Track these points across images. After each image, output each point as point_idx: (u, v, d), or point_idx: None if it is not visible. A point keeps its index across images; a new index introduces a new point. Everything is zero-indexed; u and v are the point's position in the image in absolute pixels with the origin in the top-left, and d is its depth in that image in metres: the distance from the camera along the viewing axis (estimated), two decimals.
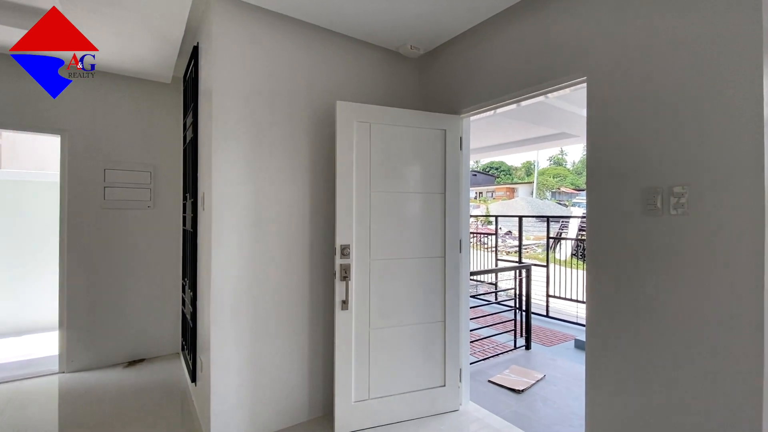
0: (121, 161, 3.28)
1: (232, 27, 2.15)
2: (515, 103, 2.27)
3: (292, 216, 2.35)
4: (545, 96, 2.14)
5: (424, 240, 2.45)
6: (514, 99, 2.21)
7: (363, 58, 2.64)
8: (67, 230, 3.08)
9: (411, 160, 2.44)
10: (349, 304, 2.24)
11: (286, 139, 2.33)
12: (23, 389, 2.84)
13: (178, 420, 2.49)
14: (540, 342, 4.41)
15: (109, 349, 3.24)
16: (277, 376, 2.30)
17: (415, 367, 2.42)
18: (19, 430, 2.35)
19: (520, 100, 2.21)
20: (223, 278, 2.13)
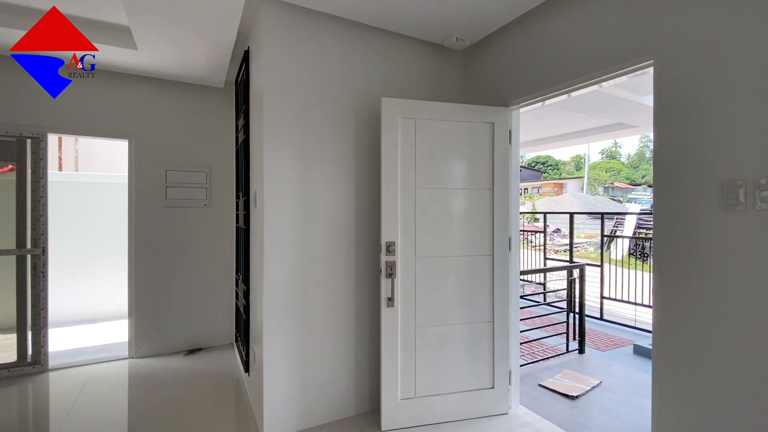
0: (179, 162, 3.51)
1: (280, 30, 2.21)
2: (568, 93, 2.14)
3: (338, 213, 2.39)
4: (599, 85, 2.00)
5: (471, 238, 2.39)
6: (568, 88, 2.08)
7: (407, 53, 2.61)
8: (134, 227, 3.35)
9: (457, 155, 2.38)
10: (394, 301, 2.23)
11: (332, 137, 2.36)
12: (98, 372, 3.12)
13: (232, 407, 2.63)
14: (594, 346, 4.16)
15: (171, 338, 3.48)
16: (324, 370, 2.34)
17: (462, 368, 2.37)
18: (95, 408, 2.59)
19: (575, 89, 2.07)
20: (274, 273, 2.20)
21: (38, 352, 3.07)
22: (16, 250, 3.01)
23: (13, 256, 3.02)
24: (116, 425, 2.45)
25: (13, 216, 3.04)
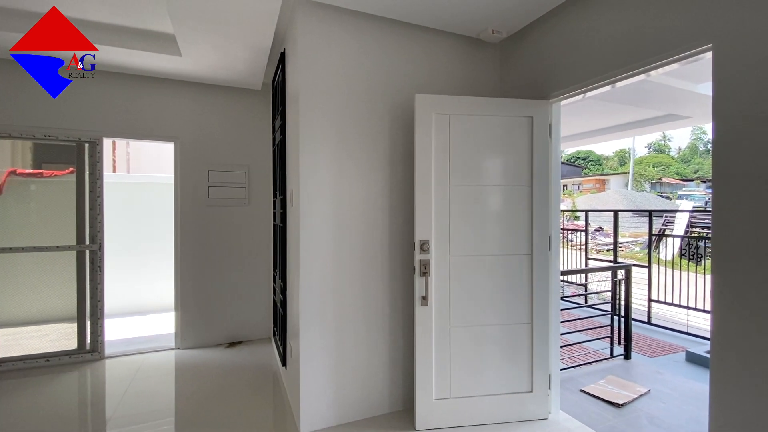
0: (220, 163, 3.66)
1: (314, 30, 2.24)
2: (613, 84, 2.02)
3: (372, 211, 2.39)
4: (647, 74, 1.87)
5: (509, 236, 2.31)
6: (613, 78, 1.96)
7: (441, 48, 2.57)
8: (180, 225, 3.53)
9: (493, 151, 2.31)
10: (428, 300, 2.21)
11: (366, 135, 2.37)
12: (148, 360, 3.32)
13: (270, 399, 2.71)
14: (641, 352, 3.92)
15: (213, 331, 3.64)
16: (358, 367, 2.36)
17: (498, 370, 2.31)
18: (146, 395, 2.76)
19: (621, 79, 1.95)
20: (310, 270, 2.24)
21: (96, 341, 3.31)
22: (76, 246, 3.27)
23: (74, 251, 3.28)
24: (164, 412, 2.60)
25: (73, 214, 3.29)
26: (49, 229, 3.30)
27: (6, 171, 3.59)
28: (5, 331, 3.13)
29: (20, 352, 3.18)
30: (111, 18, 2.62)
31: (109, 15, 2.58)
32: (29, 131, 3.08)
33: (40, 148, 4.69)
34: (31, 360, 3.13)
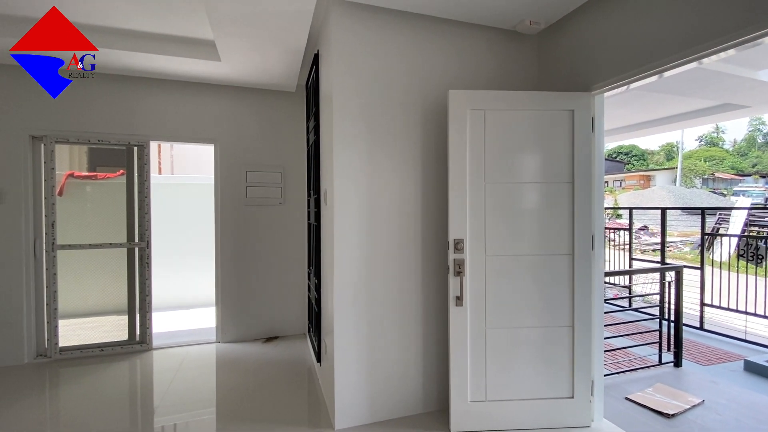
0: (257, 164, 3.77)
1: (347, 29, 2.25)
2: (661, 73, 1.89)
3: (405, 209, 2.38)
4: (699, 62, 1.74)
5: (548, 235, 2.23)
6: (662, 67, 1.84)
7: (475, 42, 2.51)
8: (220, 224, 3.68)
9: (531, 147, 2.23)
10: (463, 300, 2.17)
11: (399, 134, 2.36)
12: (192, 353, 3.49)
13: (305, 394, 2.77)
14: (693, 359, 3.67)
15: (251, 326, 3.77)
16: (391, 366, 2.36)
17: (537, 374, 2.23)
18: (188, 386, 2.90)
19: (671, 67, 1.82)
20: (343, 269, 2.26)
21: (144, 333, 3.52)
22: (127, 243, 3.48)
23: (125, 248, 3.50)
24: (206, 402, 2.72)
25: (124, 214, 3.51)
26: (102, 227, 3.53)
27: (65, 174, 3.88)
28: (65, 322, 3.39)
29: (78, 342, 3.43)
30: (156, 27, 2.77)
31: (154, 25, 2.73)
32: (85, 137, 3.31)
33: (95, 152, 5.03)
34: (87, 349, 3.37)
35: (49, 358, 3.26)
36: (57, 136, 3.23)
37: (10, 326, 3.15)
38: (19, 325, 3.17)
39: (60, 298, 3.28)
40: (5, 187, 3.12)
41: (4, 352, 3.14)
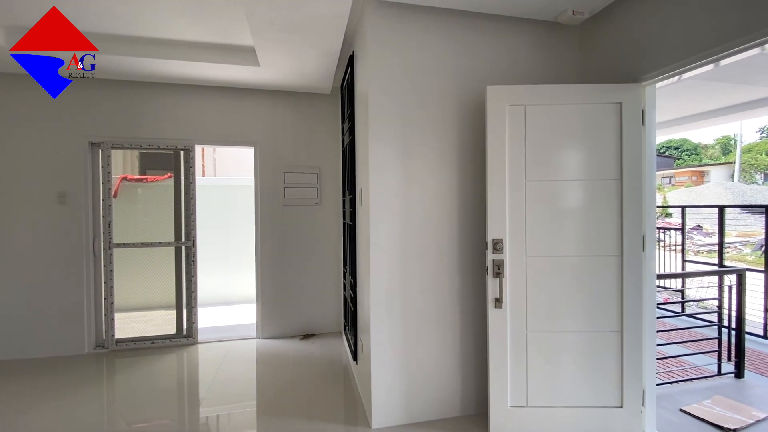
0: (294, 165, 3.86)
1: (382, 29, 2.25)
2: (718, 61, 1.74)
3: (441, 209, 2.35)
4: (762, 48, 1.59)
5: (593, 236, 2.12)
6: (720, 54, 1.70)
7: (513, 36, 2.43)
8: (260, 223, 3.80)
9: (575, 142, 2.13)
10: (503, 302, 2.11)
11: (434, 132, 2.33)
12: (234, 348, 3.63)
13: (341, 392, 2.80)
14: (757, 370, 3.36)
15: (289, 323, 3.87)
16: (428, 367, 2.33)
17: (582, 380, 2.13)
18: (231, 379, 3.02)
19: (732, 53, 1.68)
20: (379, 269, 2.27)
21: (191, 327, 3.70)
22: (174, 242, 3.68)
23: (172, 247, 3.70)
24: (248, 395, 2.82)
25: (171, 214, 3.71)
26: (152, 227, 3.76)
27: (119, 177, 4.16)
28: (120, 315, 3.62)
29: (132, 335, 3.67)
30: (200, 37, 2.90)
31: (198, 34, 2.86)
32: (137, 142, 3.53)
33: (145, 156, 5.35)
34: (140, 341, 3.60)
35: (106, 348, 3.51)
36: (113, 142, 3.47)
37: (73, 319, 3.41)
38: (81, 318, 3.43)
39: (115, 293, 3.52)
40: (68, 190, 3.38)
41: (68, 343, 3.41)
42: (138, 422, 2.47)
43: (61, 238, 3.37)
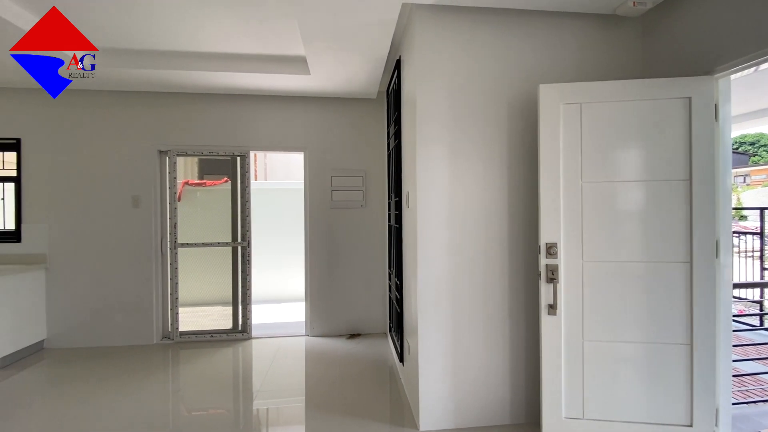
0: (341, 169, 3.97)
1: (430, 33, 2.26)
2: None
3: (490, 211, 2.31)
4: None
5: (657, 240, 1.98)
6: None
7: (566, 32, 2.34)
8: (309, 225, 3.95)
9: (636, 141, 2.01)
10: (557, 309, 2.03)
11: (483, 134, 2.30)
12: (284, 344, 3.79)
13: (387, 392, 2.83)
14: None
15: (336, 322, 3.97)
16: (476, 372, 2.30)
17: (646, 395, 2.00)
18: (283, 374, 3.16)
19: None
20: (427, 272, 2.27)
21: (245, 323, 3.92)
22: (231, 242, 3.92)
23: (229, 247, 3.94)
24: (297, 390, 2.93)
25: (229, 216, 3.95)
26: (211, 228, 4.02)
27: (182, 182, 4.50)
28: (184, 309, 3.92)
29: (194, 328, 3.94)
30: (256, 49, 3.08)
31: (253, 46, 3.03)
32: (199, 149, 3.81)
33: (203, 162, 5.72)
34: (201, 335, 3.86)
35: (171, 340, 3.81)
36: (178, 149, 3.77)
37: (143, 312, 3.74)
38: (150, 311, 3.75)
39: (179, 289, 3.81)
40: (141, 194, 3.72)
41: (139, 333, 3.74)
42: (197, 410, 2.66)
43: (134, 238, 3.71)
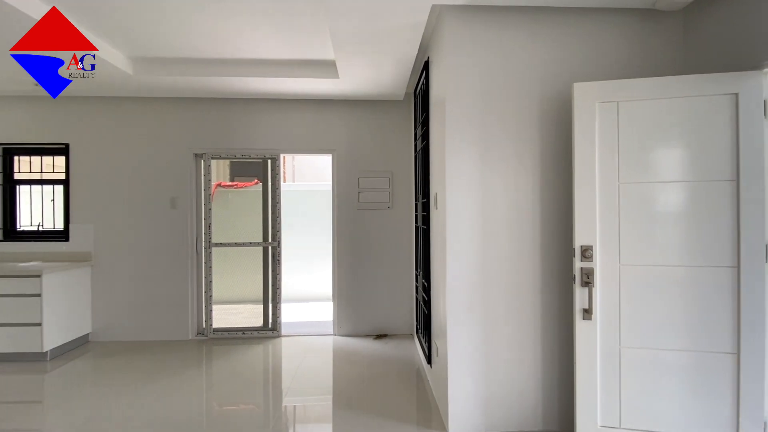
0: (368, 170, 4.01)
1: (460, 33, 2.25)
2: None
3: (521, 213, 2.27)
4: None
5: (700, 243, 1.89)
6: None
7: (601, 29, 2.28)
8: (336, 226, 4.01)
9: (677, 140, 1.93)
10: (592, 314, 1.97)
11: (514, 134, 2.27)
12: (312, 343, 3.86)
13: (415, 393, 2.84)
14: None
15: (362, 323, 4.01)
16: (507, 377, 2.27)
17: (686, 404, 1.91)
18: (311, 372, 3.22)
19: None
20: (456, 273, 2.26)
21: (275, 321, 4.02)
22: (262, 242, 4.03)
23: (260, 247, 4.05)
24: (325, 389, 2.99)
25: (259, 217, 4.07)
26: (242, 228, 4.15)
27: (215, 184, 4.67)
28: (217, 307, 4.06)
29: (226, 325, 4.08)
30: (287, 54, 3.16)
31: (283, 52, 3.12)
32: (232, 152, 3.95)
33: (234, 164, 5.90)
34: (233, 332, 4.00)
35: (205, 336, 3.95)
36: (212, 153, 3.92)
37: (180, 308, 3.90)
38: (185, 308, 3.91)
39: (213, 287, 3.95)
40: (177, 196, 3.89)
41: (175, 329, 3.90)
42: (228, 405, 2.75)
43: (171, 238, 3.88)
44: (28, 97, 3.80)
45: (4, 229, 3.87)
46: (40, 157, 3.99)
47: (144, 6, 2.42)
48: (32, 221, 3.99)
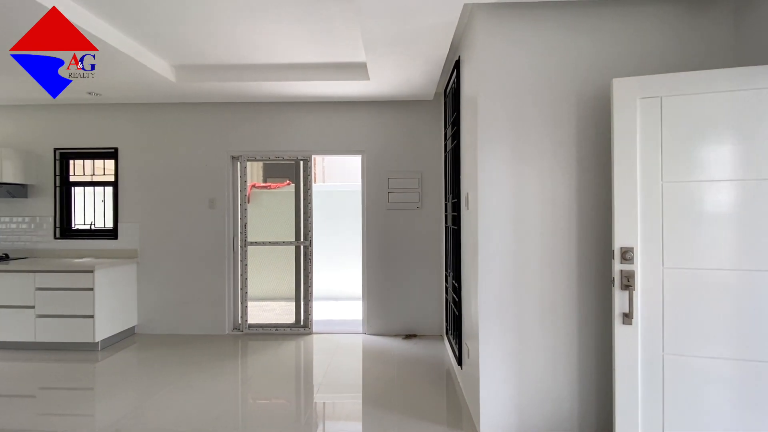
0: (397, 171, 4.03)
1: (492, 32, 2.22)
2: None
3: (556, 213, 2.21)
4: None
5: (752, 246, 1.77)
6: None
7: (643, 21, 2.18)
8: (366, 226, 4.05)
9: (727, 137, 1.82)
10: (632, 318, 1.89)
11: (549, 131, 2.21)
12: (342, 341, 3.92)
13: (444, 394, 2.83)
14: None
15: (392, 322, 4.04)
16: (541, 380, 2.22)
17: (736, 417, 1.79)
18: (342, 370, 3.28)
19: None
20: (488, 274, 2.24)
21: (307, 318, 4.11)
22: (294, 242, 4.14)
23: (293, 246, 4.16)
24: (355, 387, 3.04)
25: (292, 217, 4.18)
26: (275, 228, 4.28)
27: (250, 185, 4.84)
28: (252, 303, 4.21)
29: (260, 321, 4.22)
30: (317, 58, 3.24)
31: (315, 55, 3.19)
32: (266, 154, 4.08)
33: (267, 166, 6.07)
34: (267, 327, 4.13)
35: (241, 331, 4.11)
36: (248, 155, 4.07)
37: (217, 304, 4.08)
38: (223, 304, 4.08)
39: (248, 284, 4.10)
40: (216, 196, 4.07)
41: (213, 324, 4.08)
42: (262, 399, 2.85)
43: (210, 237, 4.06)
44: (81, 105, 4.09)
45: (61, 227, 4.18)
46: (93, 161, 4.28)
47: (185, 17, 2.56)
48: (85, 220, 4.29)
